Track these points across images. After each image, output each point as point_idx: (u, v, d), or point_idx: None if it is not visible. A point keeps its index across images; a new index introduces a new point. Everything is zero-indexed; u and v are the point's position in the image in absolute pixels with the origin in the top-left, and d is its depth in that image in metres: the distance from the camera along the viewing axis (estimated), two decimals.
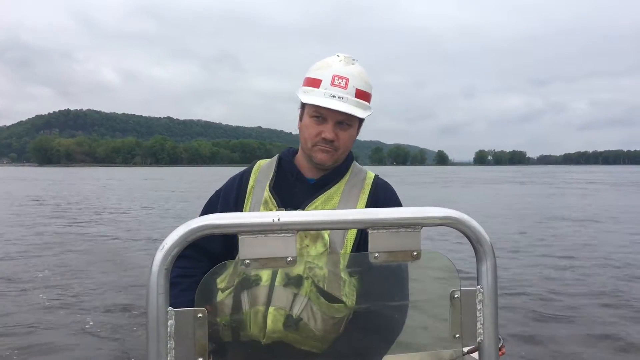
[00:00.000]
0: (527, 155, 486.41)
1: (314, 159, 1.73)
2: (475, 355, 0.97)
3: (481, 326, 0.92)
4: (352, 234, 1.66)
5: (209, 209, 1.83)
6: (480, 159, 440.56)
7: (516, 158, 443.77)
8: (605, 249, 11.46)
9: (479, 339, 0.93)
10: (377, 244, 0.92)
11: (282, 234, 0.88)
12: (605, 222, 16.87)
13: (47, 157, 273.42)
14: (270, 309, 1.49)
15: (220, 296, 1.49)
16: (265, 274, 1.51)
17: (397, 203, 1.80)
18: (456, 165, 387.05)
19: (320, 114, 1.69)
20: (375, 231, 0.92)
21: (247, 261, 0.87)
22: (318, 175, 1.78)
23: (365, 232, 1.62)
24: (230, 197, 1.79)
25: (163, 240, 0.84)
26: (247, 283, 1.51)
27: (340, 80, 1.67)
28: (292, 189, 1.75)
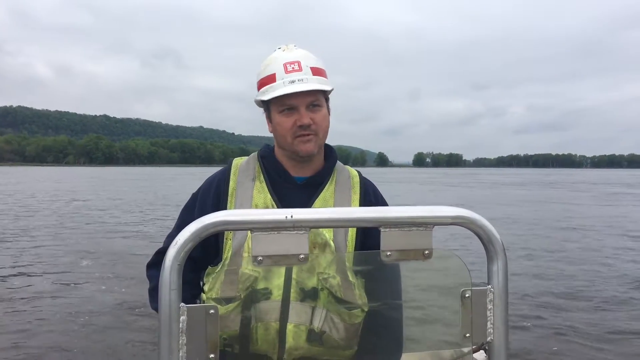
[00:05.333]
0: (463, 158, 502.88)
1: (299, 152, 1.66)
2: (479, 355, 0.97)
3: (491, 326, 0.93)
4: (352, 238, 1.63)
5: (186, 214, 1.76)
6: (419, 160, 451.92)
7: (453, 160, 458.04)
8: None
9: (489, 338, 0.93)
10: (389, 242, 0.91)
11: (295, 231, 0.87)
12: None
13: None
14: (289, 326, 1.47)
15: (221, 309, 1.44)
16: (275, 289, 1.48)
17: (384, 202, 1.80)
18: (396, 167, 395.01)
19: (288, 105, 1.64)
20: (387, 230, 0.91)
21: (260, 258, 0.86)
22: (304, 174, 1.73)
23: (363, 237, 1.63)
24: (208, 201, 1.71)
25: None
26: (255, 297, 1.47)
27: (292, 65, 1.64)
28: (281, 190, 1.69)
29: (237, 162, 1.78)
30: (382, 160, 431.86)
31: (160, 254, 1.72)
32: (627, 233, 15.50)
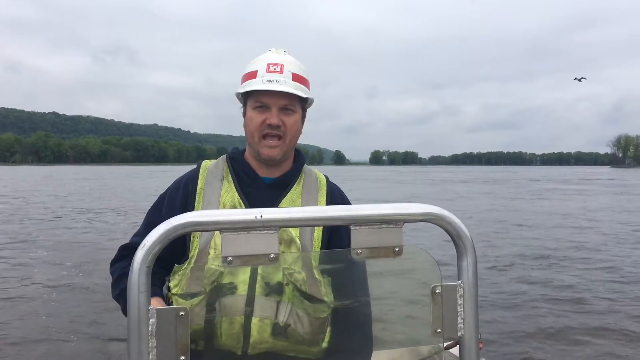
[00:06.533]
0: (419, 156, 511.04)
1: (261, 155, 1.70)
2: (454, 350, 0.97)
3: (462, 321, 0.94)
4: (318, 236, 1.66)
5: (153, 214, 1.76)
6: (376, 158, 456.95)
7: (409, 158, 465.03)
8: None
9: (459, 333, 0.93)
10: (359, 240, 0.91)
11: (265, 231, 0.86)
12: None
13: None
14: (254, 320, 1.47)
15: (185, 304, 1.44)
16: (240, 284, 1.48)
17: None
18: (353, 165, 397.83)
19: (262, 103, 1.68)
20: (357, 227, 0.91)
21: (230, 258, 0.85)
22: (272, 174, 1.76)
23: (329, 235, 1.65)
24: (176, 201, 1.72)
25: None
26: (220, 292, 1.47)
27: (275, 67, 1.69)
28: (248, 189, 1.71)
29: (207, 163, 1.80)
30: (339, 159, 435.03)
31: (125, 249, 1.74)
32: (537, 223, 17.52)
